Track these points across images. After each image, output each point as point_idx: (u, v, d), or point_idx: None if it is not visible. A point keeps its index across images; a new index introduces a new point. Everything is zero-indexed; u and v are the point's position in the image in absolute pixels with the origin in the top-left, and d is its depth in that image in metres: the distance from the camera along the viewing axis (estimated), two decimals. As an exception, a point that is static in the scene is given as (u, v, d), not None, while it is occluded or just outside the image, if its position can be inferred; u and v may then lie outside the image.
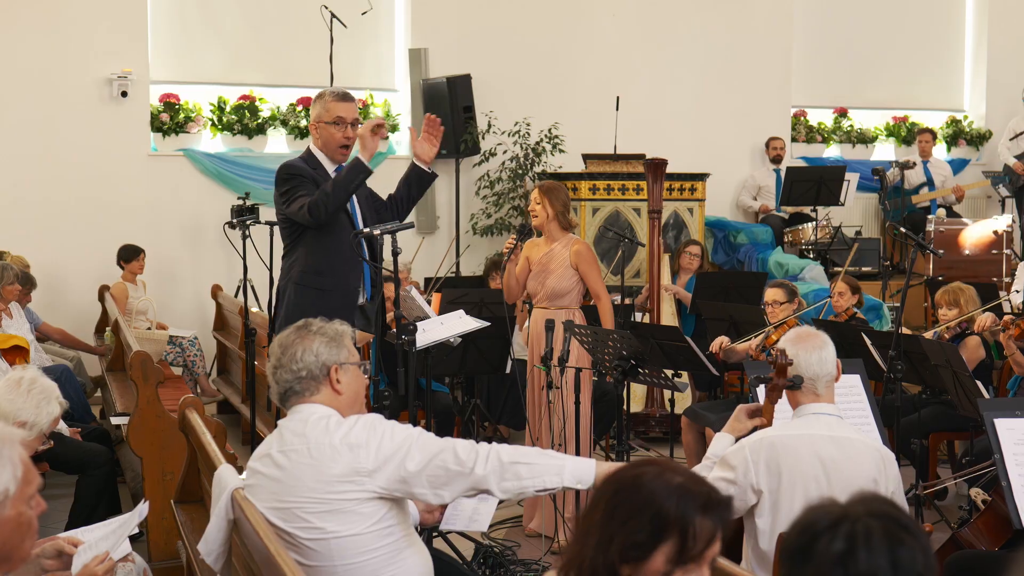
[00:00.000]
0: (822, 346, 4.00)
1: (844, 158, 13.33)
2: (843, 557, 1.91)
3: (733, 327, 7.88)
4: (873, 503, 1.99)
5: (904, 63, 13.72)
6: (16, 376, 4.13)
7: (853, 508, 1.97)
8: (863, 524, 1.93)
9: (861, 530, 1.93)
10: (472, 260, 11.54)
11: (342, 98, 5.59)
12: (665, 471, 2.25)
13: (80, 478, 6.24)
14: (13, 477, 2.51)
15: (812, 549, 1.94)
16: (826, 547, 1.93)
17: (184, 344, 9.85)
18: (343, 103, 5.57)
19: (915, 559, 1.92)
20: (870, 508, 1.97)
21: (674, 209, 10.75)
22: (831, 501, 2.01)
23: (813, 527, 1.96)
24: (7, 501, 2.50)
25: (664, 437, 8.51)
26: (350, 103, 5.58)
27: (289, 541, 3.33)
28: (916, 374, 6.68)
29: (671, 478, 2.23)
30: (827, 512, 1.97)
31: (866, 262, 11.95)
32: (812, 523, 1.97)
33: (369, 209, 5.70)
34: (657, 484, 2.21)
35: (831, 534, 1.94)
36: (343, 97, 5.60)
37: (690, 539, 2.18)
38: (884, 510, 1.97)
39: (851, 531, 1.93)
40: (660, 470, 2.25)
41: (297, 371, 3.43)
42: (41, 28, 10.37)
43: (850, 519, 1.94)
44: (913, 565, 1.92)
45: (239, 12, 11.14)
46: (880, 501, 2.00)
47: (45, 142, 10.41)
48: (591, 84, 11.92)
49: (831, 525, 1.94)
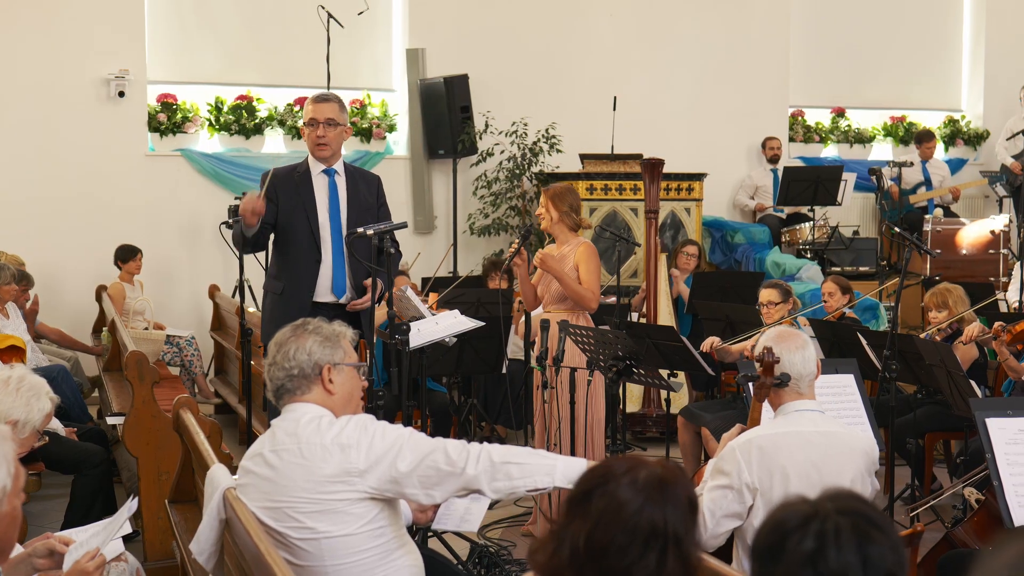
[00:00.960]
0: (804, 345, 4.02)
1: (842, 158, 13.35)
2: (813, 556, 1.91)
3: (729, 327, 7.89)
4: (842, 500, 1.98)
5: (902, 63, 13.73)
6: (4, 375, 4.13)
7: (822, 506, 1.96)
8: (832, 522, 1.93)
9: (831, 528, 1.93)
10: (470, 260, 11.55)
11: (315, 100, 5.81)
12: (641, 467, 2.24)
13: (76, 478, 6.24)
14: (8, 474, 2.55)
15: (782, 548, 1.94)
16: (796, 546, 1.93)
17: (181, 344, 9.85)
18: (314, 104, 5.79)
19: (884, 555, 1.92)
20: (839, 505, 1.96)
21: (671, 209, 10.76)
22: (800, 499, 2.00)
23: (782, 526, 1.96)
24: (4, 498, 2.55)
25: (661, 437, 8.52)
26: (321, 104, 5.77)
27: (280, 541, 3.34)
28: (911, 374, 6.69)
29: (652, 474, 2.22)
30: (796, 511, 1.97)
31: (864, 262, 11.96)
32: (781, 522, 1.97)
33: (358, 210, 5.74)
34: (637, 481, 2.21)
35: (801, 533, 1.93)
36: (315, 99, 5.81)
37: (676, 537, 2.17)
38: (853, 507, 1.97)
39: (820, 529, 1.93)
40: (636, 466, 2.24)
41: (289, 369, 3.44)
42: (39, 28, 10.38)
43: (819, 517, 1.94)
44: (883, 561, 1.92)
45: (236, 12, 11.15)
46: (849, 497, 2.00)
47: (42, 142, 10.42)
48: (588, 84, 11.93)
49: (800, 524, 1.94)
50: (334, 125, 5.75)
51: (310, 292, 5.73)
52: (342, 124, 5.81)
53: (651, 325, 8.35)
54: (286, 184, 5.81)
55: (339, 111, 5.79)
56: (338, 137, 5.79)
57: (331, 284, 5.76)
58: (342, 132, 5.82)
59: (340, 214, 5.74)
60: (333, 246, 5.75)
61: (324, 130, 5.73)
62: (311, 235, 5.72)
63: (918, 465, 6.95)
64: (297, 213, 5.74)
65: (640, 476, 2.20)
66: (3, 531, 2.58)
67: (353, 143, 11.53)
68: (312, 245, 5.73)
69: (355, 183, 5.88)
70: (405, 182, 11.67)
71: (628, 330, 6.86)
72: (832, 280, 8.34)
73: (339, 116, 5.79)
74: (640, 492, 2.18)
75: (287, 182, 5.82)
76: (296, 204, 5.76)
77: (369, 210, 5.81)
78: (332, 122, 5.74)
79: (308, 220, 5.73)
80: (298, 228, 5.73)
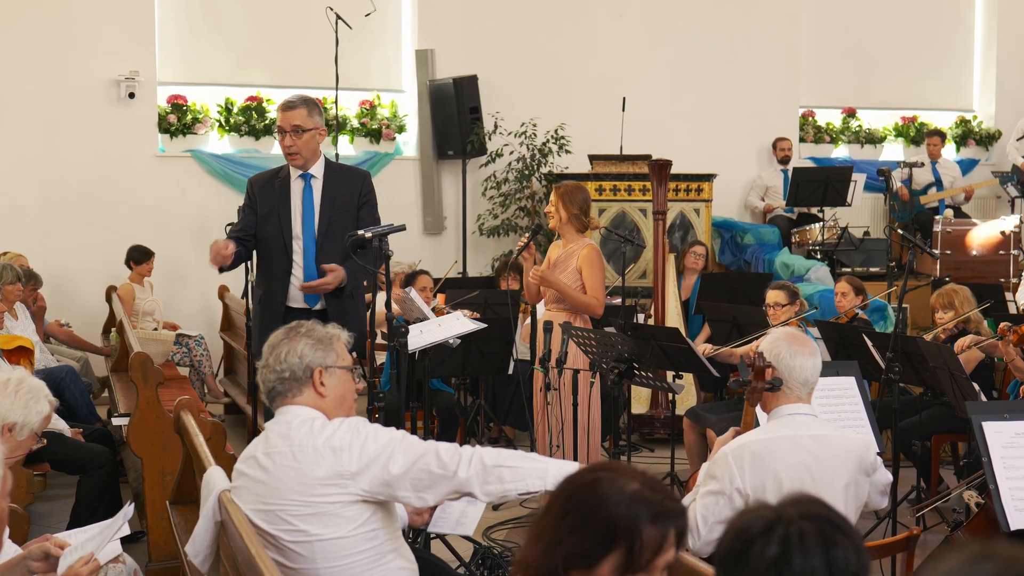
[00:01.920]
0: (813, 353, 3.97)
1: (852, 158, 13.30)
2: (778, 562, 1.91)
3: (736, 328, 7.88)
4: (805, 504, 1.98)
5: (913, 63, 13.69)
6: (3, 378, 4.15)
7: (786, 511, 1.96)
8: (796, 527, 1.93)
9: (795, 533, 1.92)
10: (479, 261, 11.56)
11: (281, 107, 5.71)
12: (621, 477, 2.24)
13: (81, 478, 6.27)
14: (3, 474, 2.56)
15: (747, 555, 1.94)
16: (760, 552, 1.92)
17: (191, 344, 9.88)
18: (281, 112, 5.70)
19: (848, 559, 1.92)
20: (803, 510, 1.96)
21: (680, 210, 10.76)
22: (763, 504, 2.00)
23: (747, 532, 1.95)
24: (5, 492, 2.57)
25: (668, 438, 8.50)
26: (286, 112, 5.65)
27: (273, 543, 3.35)
28: (916, 375, 6.67)
29: (625, 484, 2.22)
30: (760, 516, 1.97)
31: (874, 263, 11.93)
32: (745, 528, 1.96)
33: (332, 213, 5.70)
34: (610, 491, 2.21)
35: (765, 539, 1.93)
36: (281, 106, 5.72)
37: (637, 549, 2.17)
38: (816, 511, 1.97)
39: (785, 535, 1.92)
40: (615, 476, 2.24)
41: (280, 372, 3.45)
42: (49, 30, 10.43)
43: (783, 522, 1.94)
44: (847, 565, 1.92)
45: (245, 14, 11.18)
46: (812, 502, 2.00)
47: (53, 143, 10.47)
48: (597, 85, 11.92)
49: (764, 530, 1.94)
50: (300, 132, 5.61)
51: (283, 298, 5.69)
52: (311, 128, 5.64)
53: (656, 326, 8.34)
54: (265, 190, 5.76)
55: (306, 116, 5.63)
56: (308, 143, 5.64)
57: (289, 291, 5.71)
58: (313, 136, 5.66)
59: (313, 219, 5.67)
60: (304, 252, 5.67)
61: (291, 139, 5.60)
62: (283, 242, 5.67)
63: (924, 467, 6.94)
64: (272, 220, 5.70)
65: (621, 482, 2.22)
66: None
67: (363, 144, 11.56)
68: (284, 252, 5.67)
69: (335, 185, 5.74)
70: (415, 183, 11.69)
71: (633, 331, 6.87)
72: (846, 280, 8.33)
73: (306, 121, 5.63)
74: (622, 498, 2.20)
75: (267, 188, 5.77)
76: (271, 211, 5.71)
77: (347, 211, 5.68)
78: (298, 129, 5.60)
79: (281, 227, 5.67)
80: (272, 235, 5.70)
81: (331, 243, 5.62)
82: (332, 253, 5.60)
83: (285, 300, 5.70)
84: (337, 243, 5.59)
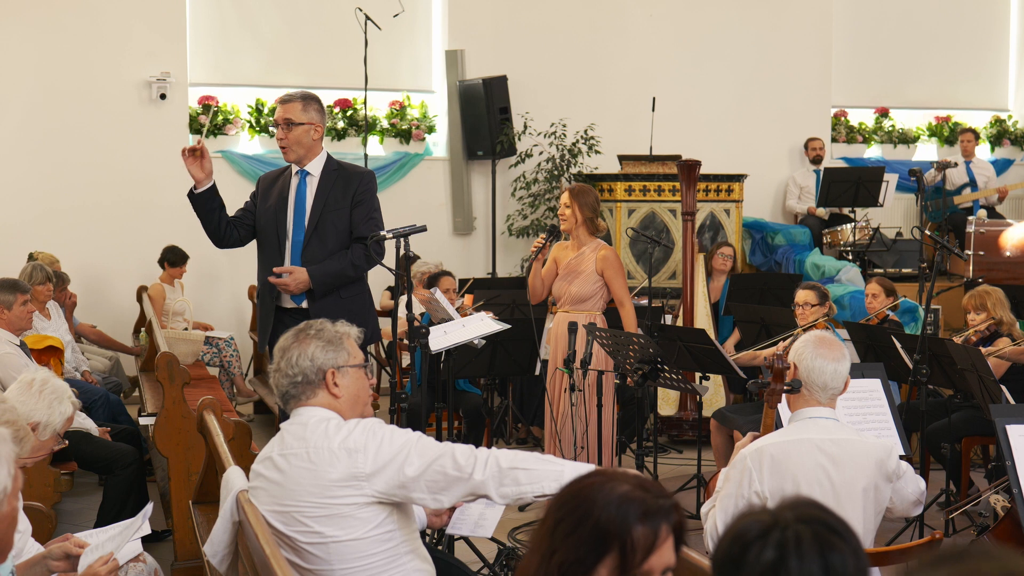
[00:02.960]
0: (840, 358, 3.90)
1: (885, 158, 13.20)
2: (774, 566, 1.89)
3: (764, 329, 7.84)
4: (802, 508, 1.96)
5: (946, 62, 13.55)
6: (28, 378, 4.20)
7: (782, 515, 1.94)
8: (793, 531, 1.91)
9: (791, 537, 1.90)
10: (508, 261, 11.56)
11: (278, 100, 5.64)
12: (611, 481, 2.22)
13: (108, 477, 6.31)
14: (8, 475, 2.57)
15: (743, 559, 1.92)
16: (757, 557, 1.90)
17: (220, 345, 9.93)
18: (278, 105, 5.63)
19: (846, 563, 1.90)
20: (799, 514, 1.94)
21: (711, 210, 10.71)
22: (761, 508, 1.98)
23: (743, 537, 1.93)
24: (4, 499, 2.56)
25: (696, 440, 8.47)
26: (281, 104, 5.56)
27: (289, 544, 3.35)
28: (945, 377, 6.62)
29: (614, 488, 2.20)
30: (756, 520, 1.95)
31: (906, 263, 11.85)
32: (742, 533, 1.94)
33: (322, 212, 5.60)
34: (599, 495, 2.19)
35: (761, 543, 1.91)
36: (279, 99, 5.64)
37: (629, 550, 2.16)
38: (814, 515, 1.94)
39: (781, 539, 1.90)
40: (605, 480, 2.23)
41: (293, 376, 3.43)
42: (81, 32, 10.51)
43: (780, 526, 1.92)
44: (844, 569, 1.89)
45: (276, 15, 11.23)
46: (810, 505, 1.98)
47: (85, 144, 10.55)
48: (627, 85, 11.89)
49: (761, 534, 1.92)
50: (291, 126, 5.48)
51: (274, 297, 5.63)
52: (305, 123, 5.50)
53: (682, 328, 8.31)
54: (268, 188, 5.69)
55: (300, 110, 5.49)
56: (300, 137, 5.49)
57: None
58: (307, 131, 5.50)
59: (304, 218, 5.56)
60: (292, 250, 5.58)
61: (282, 132, 5.51)
62: (277, 239, 5.58)
63: (954, 470, 6.88)
64: (267, 217, 5.61)
65: (618, 490, 2.20)
66: (2, 531, 2.60)
67: (392, 144, 11.58)
68: (277, 250, 5.58)
69: (330, 184, 5.58)
70: (444, 183, 11.70)
71: (660, 332, 6.85)
72: (877, 282, 8.27)
73: (299, 115, 5.49)
74: (619, 506, 2.18)
75: (270, 186, 5.69)
76: (267, 208, 5.63)
77: (338, 210, 5.54)
78: (289, 123, 5.48)
79: (276, 224, 5.59)
80: (267, 233, 5.63)
81: (319, 241, 5.52)
82: (319, 252, 5.51)
83: (277, 299, 5.63)
84: (327, 242, 5.50)
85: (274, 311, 5.64)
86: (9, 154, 10.41)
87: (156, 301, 9.72)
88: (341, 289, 5.51)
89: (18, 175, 10.43)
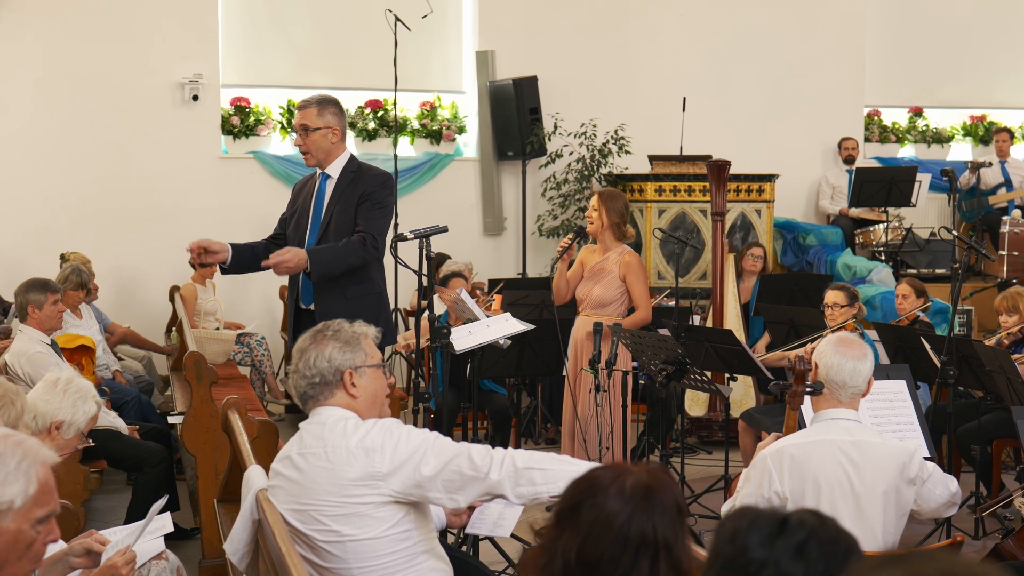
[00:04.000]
0: (861, 357, 3.89)
1: (919, 158, 13.09)
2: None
3: (793, 330, 7.81)
4: None
5: (982, 60, 13.40)
6: (53, 377, 4.25)
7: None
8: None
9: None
10: (538, 262, 11.56)
11: (296, 105, 5.74)
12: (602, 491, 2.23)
13: (137, 475, 6.37)
14: (23, 492, 2.48)
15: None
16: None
17: (252, 344, 9.98)
18: (296, 111, 5.70)
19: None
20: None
21: (741, 210, 10.68)
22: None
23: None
24: (9, 512, 2.47)
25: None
26: (298, 111, 5.64)
27: (307, 543, 3.37)
28: (975, 379, 6.57)
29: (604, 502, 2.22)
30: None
31: (940, 264, 11.76)
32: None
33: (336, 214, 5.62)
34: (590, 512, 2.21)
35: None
36: (296, 106, 5.72)
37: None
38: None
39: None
40: (600, 488, 2.23)
41: (311, 377, 3.46)
42: (113, 33, 10.59)
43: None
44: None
45: (307, 16, 11.28)
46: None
47: (119, 145, 10.63)
48: (658, 85, 11.86)
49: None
50: (308, 131, 5.54)
51: (293, 299, 5.71)
52: (321, 127, 5.54)
53: (709, 328, 8.29)
54: (297, 194, 5.80)
55: (315, 115, 5.54)
56: (317, 142, 5.55)
57: (300, 290, 5.71)
58: (324, 135, 5.55)
59: (319, 220, 5.63)
60: None
61: (300, 138, 5.59)
62: (298, 242, 5.64)
63: (984, 472, 6.82)
64: (294, 222, 5.72)
65: (627, 485, 2.19)
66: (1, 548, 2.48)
67: (423, 145, 11.61)
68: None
69: (347, 185, 5.61)
70: (475, 184, 11.72)
71: (686, 333, 6.84)
72: (907, 282, 8.22)
73: (314, 120, 5.55)
74: (628, 501, 2.17)
75: (299, 191, 5.80)
76: (294, 213, 5.74)
77: (347, 210, 5.56)
78: (306, 128, 5.54)
79: (298, 227, 5.68)
80: (292, 235, 5.72)
81: (328, 241, 5.57)
82: None
83: (297, 300, 5.71)
84: (335, 241, 5.55)
85: (294, 312, 5.72)
86: (43, 156, 10.50)
87: (188, 301, 9.78)
88: (346, 289, 5.52)
89: (52, 177, 10.52)
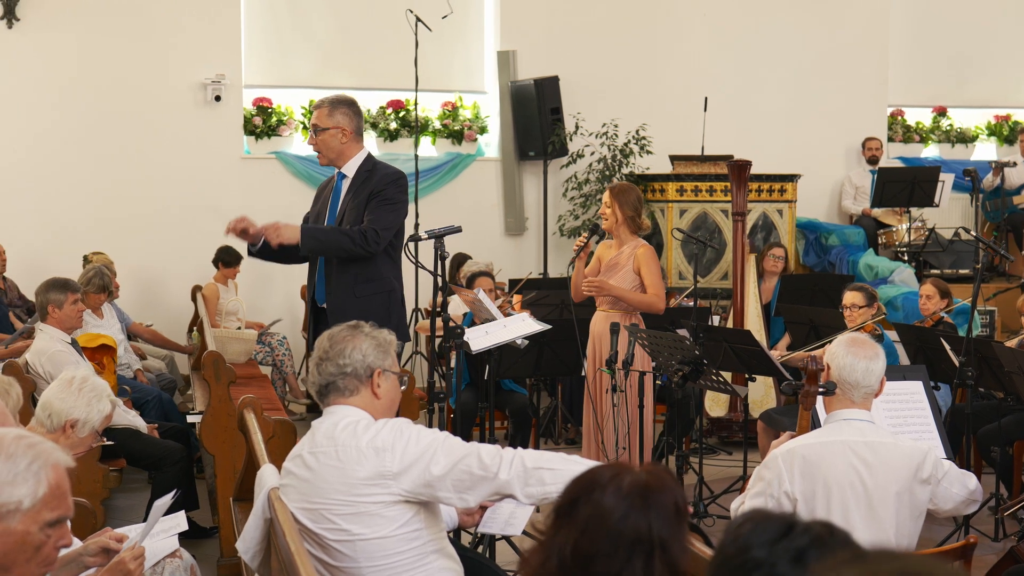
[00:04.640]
0: (873, 357, 3.87)
1: (943, 158, 13.00)
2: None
3: (813, 331, 7.79)
4: None
5: (1006, 59, 13.29)
6: (68, 376, 4.28)
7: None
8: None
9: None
10: (560, 261, 11.56)
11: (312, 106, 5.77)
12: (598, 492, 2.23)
13: (156, 474, 6.41)
14: (33, 493, 2.46)
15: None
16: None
17: (273, 344, 10.03)
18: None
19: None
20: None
21: (763, 211, 10.64)
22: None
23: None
24: (17, 513, 2.44)
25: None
26: (313, 111, 5.75)
27: (317, 542, 3.39)
28: (995, 380, 6.54)
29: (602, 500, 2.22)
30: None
31: (963, 264, 11.69)
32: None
33: (347, 211, 5.68)
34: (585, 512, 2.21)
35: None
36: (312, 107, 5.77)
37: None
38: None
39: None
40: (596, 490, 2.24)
41: (343, 366, 3.48)
42: (136, 34, 10.64)
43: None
44: None
45: (329, 16, 11.31)
46: None
47: (141, 145, 10.69)
48: (679, 85, 11.83)
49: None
50: (319, 131, 5.63)
51: (311, 298, 5.80)
52: (331, 127, 5.61)
53: (728, 329, 8.27)
54: (319, 194, 5.93)
55: (326, 115, 5.62)
56: (327, 142, 5.63)
57: (315, 288, 5.78)
58: (334, 135, 5.62)
59: (334, 217, 5.70)
60: None
61: (312, 138, 5.68)
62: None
63: (1004, 473, 6.79)
64: (314, 221, 5.81)
65: (625, 483, 2.19)
66: (5, 549, 2.44)
67: (445, 145, 11.62)
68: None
69: (360, 184, 5.67)
70: (496, 184, 11.73)
71: (705, 333, 6.82)
72: (931, 283, 8.18)
73: (325, 120, 5.63)
74: (624, 499, 2.17)
75: (321, 192, 5.93)
76: (315, 212, 5.85)
77: (357, 208, 5.61)
78: (317, 128, 5.64)
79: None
80: None
81: None
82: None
83: (317, 300, 5.76)
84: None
85: (311, 309, 5.79)
86: (67, 157, 10.56)
87: (210, 301, 9.83)
88: (355, 287, 5.57)
89: (75, 178, 10.58)
